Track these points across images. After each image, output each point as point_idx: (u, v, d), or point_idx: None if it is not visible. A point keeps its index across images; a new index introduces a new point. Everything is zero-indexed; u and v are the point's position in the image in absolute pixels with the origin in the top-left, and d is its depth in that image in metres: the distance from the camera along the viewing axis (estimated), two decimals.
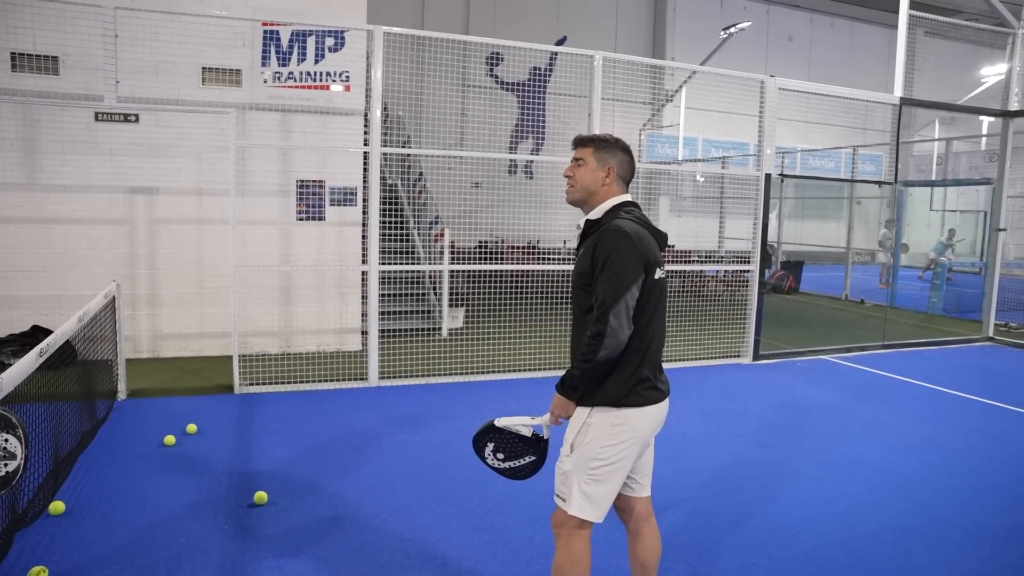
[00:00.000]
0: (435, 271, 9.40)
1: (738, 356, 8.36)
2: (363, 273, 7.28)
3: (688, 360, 8.14)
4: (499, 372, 7.36)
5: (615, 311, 2.48)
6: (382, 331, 7.22)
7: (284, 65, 7.53)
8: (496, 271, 8.04)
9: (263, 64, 7.45)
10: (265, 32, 7.37)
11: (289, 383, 6.68)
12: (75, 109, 6.93)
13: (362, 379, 6.90)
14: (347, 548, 3.70)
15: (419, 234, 10.09)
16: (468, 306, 9.53)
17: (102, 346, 6.02)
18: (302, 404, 6.24)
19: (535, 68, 13.07)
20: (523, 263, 9.16)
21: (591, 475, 2.60)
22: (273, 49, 7.44)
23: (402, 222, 9.26)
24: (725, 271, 11.77)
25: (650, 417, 2.65)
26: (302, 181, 7.80)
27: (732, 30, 15.87)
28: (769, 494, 4.55)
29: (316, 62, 7.57)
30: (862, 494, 4.60)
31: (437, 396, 6.62)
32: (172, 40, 6.90)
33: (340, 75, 7.69)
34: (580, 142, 2.79)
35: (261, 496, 4.22)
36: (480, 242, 10.60)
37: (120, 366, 6.17)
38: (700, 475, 4.83)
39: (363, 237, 7.72)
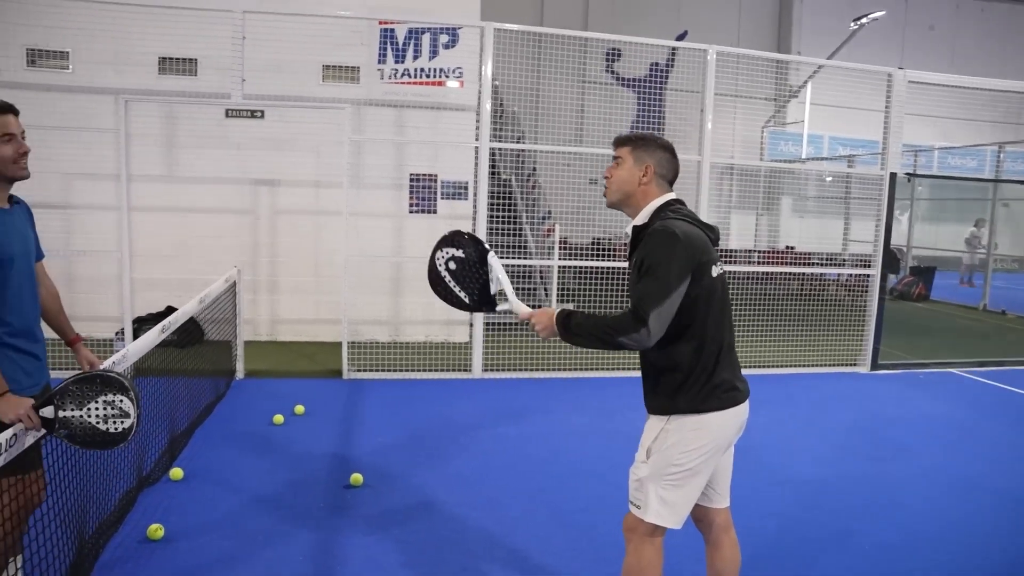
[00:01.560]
0: (544, 266, 9.45)
1: (854, 365, 7.95)
2: None
3: (797, 366, 7.82)
4: (602, 370, 7.33)
5: (656, 314, 2.35)
6: (489, 324, 7.35)
7: (399, 62, 7.75)
8: (606, 268, 7.97)
9: (379, 61, 7.71)
10: (382, 30, 7.62)
11: (395, 371, 6.90)
12: (209, 106, 7.40)
13: (466, 370, 7.04)
14: (433, 534, 3.80)
15: (531, 229, 10.16)
16: (577, 302, 9.52)
17: (224, 328, 6.43)
18: (406, 392, 6.43)
19: (654, 64, 12.84)
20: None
21: (669, 481, 2.52)
22: (389, 46, 7.68)
23: (514, 217, 9.36)
24: (848, 275, 11.22)
25: (730, 421, 2.56)
26: (415, 175, 8.02)
27: (863, 21, 15.05)
28: (873, 512, 4.32)
29: (430, 58, 7.76)
30: (982, 523, 4.25)
31: (538, 390, 6.66)
32: (295, 40, 7.24)
33: (453, 71, 7.84)
34: (618, 141, 2.69)
35: (357, 478, 4.38)
36: (594, 239, 10.56)
37: (239, 347, 6.57)
38: (799, 487, 4.64)
39: (473, 230, 7.86)
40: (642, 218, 2.60)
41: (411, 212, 8.06)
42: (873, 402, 6.78)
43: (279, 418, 5.45)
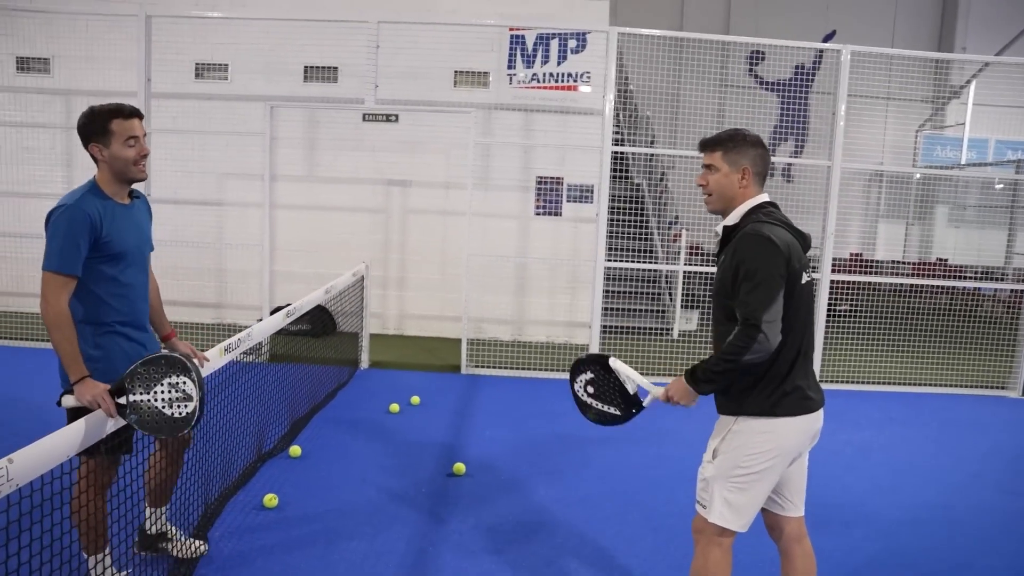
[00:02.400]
0: (670, 271, 9.34)
1: (1003, 388, 7.32)
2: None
3: (939, 386, 7.29)
4: None
5: (767, 318, 2.34)
6: (612, 327, 7.38)
7: (528, 67, 7.93)
8: None
9: (509, 66, 7.91)
10: (512, 37, 7.82)
11: (512, 369, 7.06)
12: (348, 111, 7.88)
13: None
14: (523, 524, 3.90)
15: (659, 234, 10.07)
16: (703, 309, 9.35)
17: (352, 320, 6.83)
18: (520, 390, 6.57)
19: (799, 66, 12.35)
20: None
21: (734, 483, 2.50)
22: (519, 52, 7.87)
23: (644, 221, 9.32)
24: (1011, 291, 10.32)
25: (800, 428, 2.51)
26: (541, 178, 8.17)
27: None
28: (998, 548, 4.00)
29: (558, 63, 7.88)
30: None
31: None
32: (428, 47, 7.56)
33: (581, 75, 7.92)
34: (706, 145, 2.63)
35: (460, 467, 4.56)
36: None
37: (364, 339, 6.94)
38: (915, 511, 4.37)
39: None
40: (733, 218, 2.57)
41: (537, 214, 8.21)
42: (1019, 430, 6.25)
43: (395, 407, 5.73)
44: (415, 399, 5.96)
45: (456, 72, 7.99)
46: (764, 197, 2.58)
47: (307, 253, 8.13)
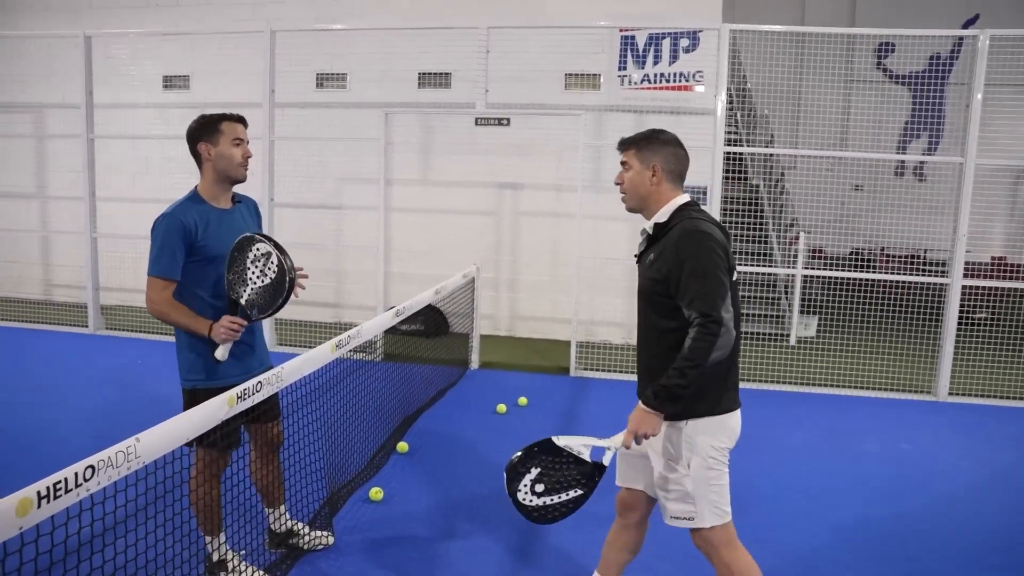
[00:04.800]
0: (788, 275, 8.99)
1: None
2: None
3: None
4: (841, 387, 6.81)
5: (724, 307, 2.35)
6: None
7: (639, 68, 7.83)
8: (863, 280, 7.38)
9: (620, 68, 7.84)
10: (622, 38, 7.74)
11: (622, 372, 6.99)
12: (461, 116, 8.04)
13: None
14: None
15: (776, 236, 9.71)
16: (823, 314, 8.94)
17: (463, 321, 6.96)
18: (629, 393, 6.47)
19: (934, 56, 11.62)
20: (898, 273, 8.27)
21: (712, 483, 2.54)
22: (629, 53, 7.78)
23: (762, 223, 9.02)
24: None
25: (736, 423, 2.61)
26: None
27: None
28: None
29: (670, 63, 7.74)
30: None
31: (764, 402, 6.39)
32: (538, 51, 7.61)
33: (693, 75, 7.75)
34: (622, 144, 2.68)
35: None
36: (854, 249, 9.84)
37: (474, 340, 7.05)
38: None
39: None
40: (663, 215, 2.58)
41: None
42: None
43: (502, 407, 5.79)
44: (523, 400, 6.00)
45: (566, 75, 8.01)
46: (686, 198, 2.61)
47: (421, 255, 8.35)
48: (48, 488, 1.78)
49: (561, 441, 2.49)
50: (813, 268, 8.48)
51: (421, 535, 3.72)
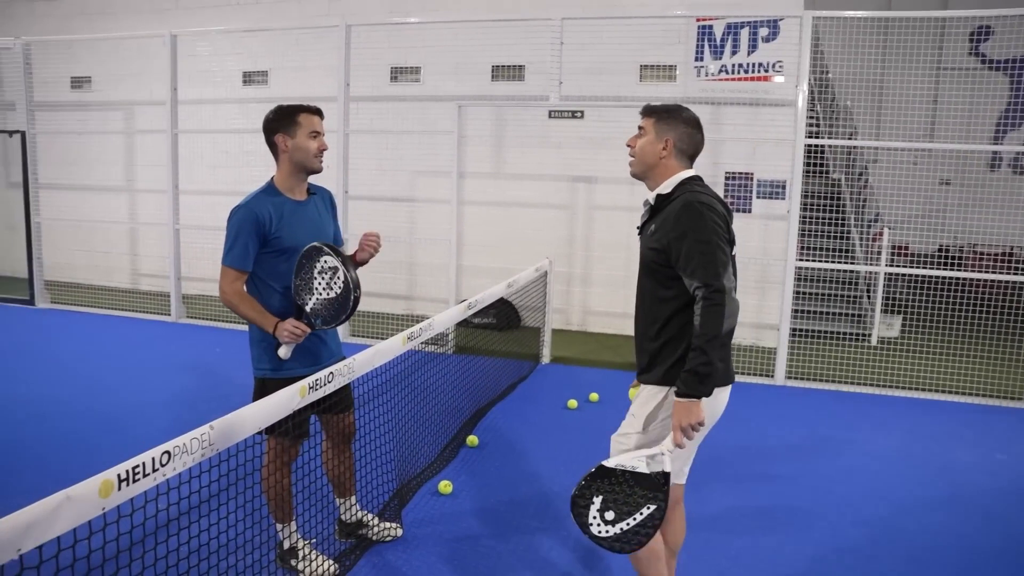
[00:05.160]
0: (871, 273, 8.64)
1: None
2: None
3: None
4: (927, 391, 6.49)
5: (726, 275, 2.37)
6: (804, 331, 6.98)
7: (717, 58, 7.63)
8: (951, 279, 7.02)
9: (696, 59, 7.66)
10: (699, 27, 7.56)
11: None
12: (534, 108, 7.99)
13: (768, 376, 6.74)
14: (693, 532, 3.74)
15: (858, 233, 9.34)
16: (907, 315, 8.56)
17: (535, 315, 6.91)
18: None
19: None
20: (989, 272, 7.85)
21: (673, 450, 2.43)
22: (707, 43, 7.59)
23: (842, 219, 8.69)
24: None
25: (722, 398, 2.62)
26: (730, 173, 7.85)
27: None
28: None
29: (748, 53, 7.52)
30: None
31: (843, 405, 6.14)
32: (613, 42, 7.49)
33: (773, 65, 7.51)
34: (645, 111, 2.71)
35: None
36: (941, 247, 9.39)
37: (546, 334, 7.00)
38: None
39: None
40: (666, 187, 2.61)
41: None
42: None
43: (573, 403, 5.72)
44: (594, 396, 5.92)
45: (641, 66, 7.85)
46: (692, 172, 2.65)
47: (493, 248, 8.34)
48: (128, 471, 1.82)
49: (612, 462, 2.36)
50: (897, 266, 8.11)
51: (489, 531, 3.69)
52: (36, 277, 8.97)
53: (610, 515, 2.33)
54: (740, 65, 7.61)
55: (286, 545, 3.16)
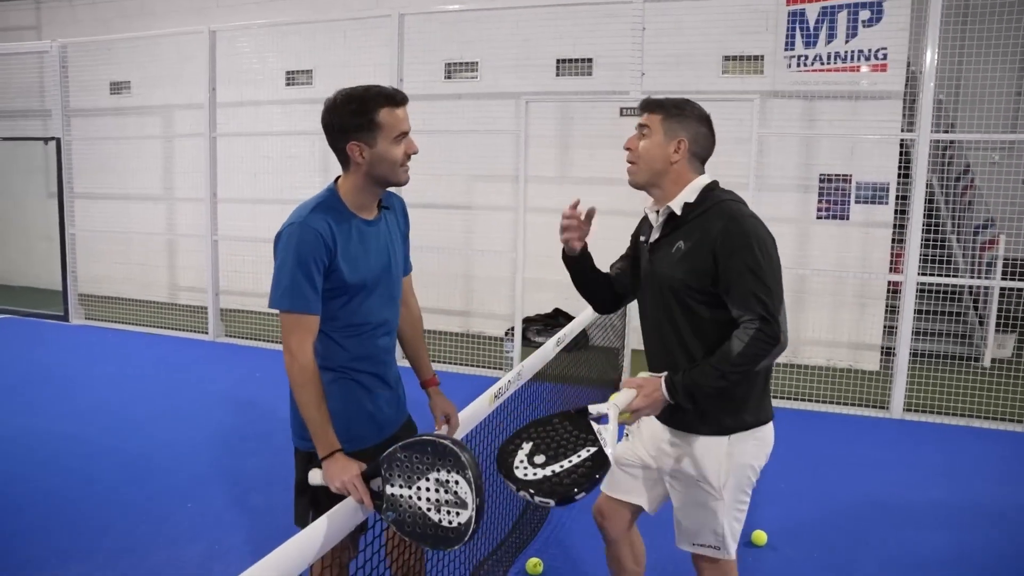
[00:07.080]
0: (981, 287, 7.69)
1: None
2: (889, 283, 6.29)
3: None
4: None
5: (782, 312, 2.06)
6: (917, 352, 6.14)
7: (810, 47, 6.80)
8: None
9: (787, 48, 6.84)
10: (790, 13, 6.74)
11: (786, 399, 6.02)
12: (604, 106, 7.24)
13: (882, 407, 5.88)
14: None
15: (959, 241, 8.39)
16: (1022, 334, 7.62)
17: (610, 334, 6.15)
18: (801, 423, 5.55)
19: None
20: None
21: (739, 508, 2.23)
22: (798, 30, 6.78)
23: (937, 226, 7.77)
24: None
25: (772, 435, 2.28)
26: (825, 175, 7.01)
27: None
28: None
29: (846, 40, 6.68)
30: None
31: (950, 438, 5.28)
32: (694, 30, 6.74)
33: (875, 53, 6.66)
34: (646, 105, 2.23)
35: (760, 536, 3.68)
36: None
37: (626, 355, 6.25)
38: None
39: (893, 241, 6.66)
40: (690, 195, 2.20)
41: (818, 218, 7.05)
42: None
43: None
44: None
45: (724, 57, 7.06)
46: (710, 178, 2.25)
47: (556, 259, 7.57)
48: None
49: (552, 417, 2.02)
50: (1012, 280, 7.17)
51: None
52: (70, 292, 8.48)
53: (540, 459, 1.94)
54: (837, 54, 6.78)
55: None
